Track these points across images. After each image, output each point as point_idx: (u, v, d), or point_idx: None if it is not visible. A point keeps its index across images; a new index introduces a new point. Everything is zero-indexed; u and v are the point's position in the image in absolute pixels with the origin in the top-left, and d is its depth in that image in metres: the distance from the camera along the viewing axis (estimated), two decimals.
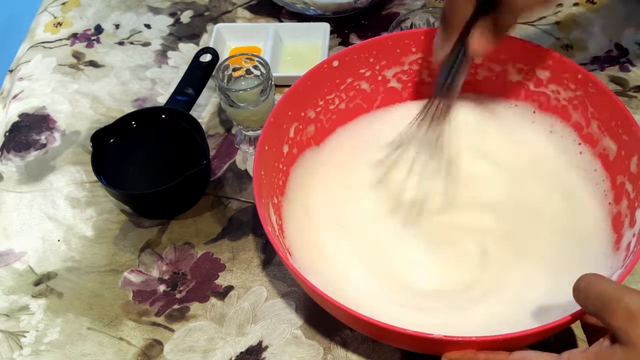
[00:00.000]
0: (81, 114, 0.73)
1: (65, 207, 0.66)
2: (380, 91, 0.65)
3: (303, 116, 0.61)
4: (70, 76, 0.77)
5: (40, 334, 0.57)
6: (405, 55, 0.63)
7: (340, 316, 0.49)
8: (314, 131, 0.62)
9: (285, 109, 0.58)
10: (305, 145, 0.62)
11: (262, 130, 0.56)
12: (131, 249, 0.62)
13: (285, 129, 0.59)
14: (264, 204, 0.53)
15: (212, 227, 0.63)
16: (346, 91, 0.63)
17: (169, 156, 0.65)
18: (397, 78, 0.64)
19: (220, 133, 0.71)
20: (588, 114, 0.58)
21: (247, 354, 0.55)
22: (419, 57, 0.63)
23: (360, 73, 0.63)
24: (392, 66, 0.63)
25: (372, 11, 0.81)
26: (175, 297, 0.59)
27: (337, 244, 0.56)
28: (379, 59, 0.63)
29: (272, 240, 0.49)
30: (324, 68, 0.60)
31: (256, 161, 0.54)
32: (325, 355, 0.55)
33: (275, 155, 0.58)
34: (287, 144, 0.60)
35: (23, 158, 0.70)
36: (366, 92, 0.64)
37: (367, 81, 0.64)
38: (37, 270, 0.61)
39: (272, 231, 0.52)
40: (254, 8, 0.83)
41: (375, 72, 0.63)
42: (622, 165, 0.54)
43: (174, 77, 0.75)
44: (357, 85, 0.63)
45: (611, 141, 0.56)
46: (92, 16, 0.84)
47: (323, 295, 0.46)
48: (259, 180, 0.54)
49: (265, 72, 0.65)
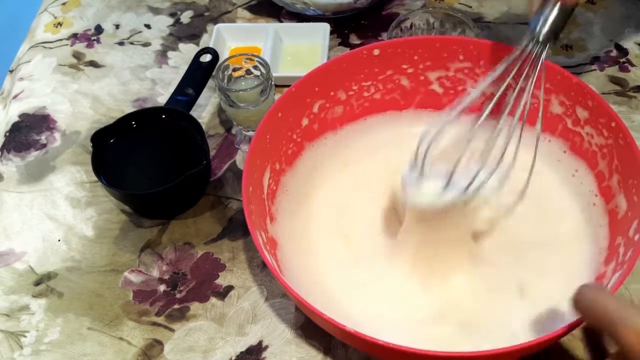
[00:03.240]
0: (81, 114, 0.73)
1: (66, 207, 0.66)
2: (420, 91, 0.64)
3: (332, 95, 0.61)
4: (71, 76, 0.77)
5: (41, 333, 0.57)
6: (451, 61, 0.62)
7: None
8: (341, 113, 0.63)
9: (311, 84, 0.59)
10: (330, 125, 0.63)
11: (279, 98, 0.57)
12: (131, 249, 0.62)
13: (308, 103, 0.60)
14: (259, 166, 0.55)
15: (212, 227, 0.63)
16: (384, 82, 0.63)
17: (169, 156, 0.65)
18: (440, 82, 0.63)
19: (220, 133, 0.71)
20: (613, 165, 0.55)
21: (247, 353, 0.55)
22: (466, 66, 0.62)
23: (402, 68, 0.62)
24: (436, 69, 0.62)
25: (372, 11, 0.81)
26: (176, 297, 0.59)
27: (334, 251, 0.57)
28: (424, 59, 0.62)
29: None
30: (362, 54, 0.60)
31: (263, 124, 0.55)
32: (325, 355, 0.55)
33: (290, 124, 0.59)
34: (307, 118, 0.61)
35: (23, 158, 0.70)
36: (405, 88, 0.64)
37: (408, 78, 0.63)
38: (37, 270, 0.61)
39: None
40: (254, 8, 0.83)
41: (419, 70, 0.63)
42: (625, 227, 0.52)
43: (174, 77, 0.75)
44: (397, 80, 0.63)
45: (624, 199, 0.53)
46: (92, 16, 0.84)
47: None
48: (261, 144, 0.54)
49: (265, 72, 0.65)
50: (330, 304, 0.52)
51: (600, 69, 0.74)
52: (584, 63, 0.75)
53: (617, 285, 0.46)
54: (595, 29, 0.78)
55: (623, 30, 0.78)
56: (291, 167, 0.61)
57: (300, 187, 0.61)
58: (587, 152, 0.58)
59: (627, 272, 0.46)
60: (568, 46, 0.76)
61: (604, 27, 0.78)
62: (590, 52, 0.76)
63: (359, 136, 0.64)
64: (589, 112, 0.57)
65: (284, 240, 0.57)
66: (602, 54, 0.75)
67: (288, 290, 0.47)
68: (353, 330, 0.45)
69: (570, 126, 0.59)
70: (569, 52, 0.76)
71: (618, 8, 0.80)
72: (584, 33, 0.78)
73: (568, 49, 0.76)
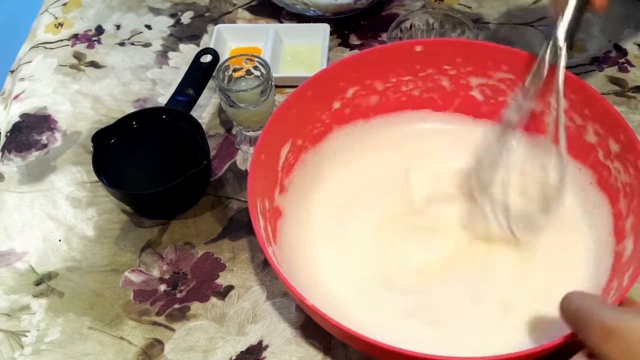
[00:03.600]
0: (82, 115, 0.73)
1: (66, 207, 0.66)
2: (460, 95, 0.63)
3: (369, 84, 0.61)
4: (71, 77, 0.77)
5: (41, 333, 0.58)
6: (495, 70, 0.60)
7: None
8: (376, 102, 0.63)
9: (347, 69, 0.59)
10: (362, 113, 0.63)
11: (311, 77, 0.57)
12: (132, 249, 0.62)
13: (341, 87, 0.60)
14: (279, 138, 0.56)
15: (212, 227, 0.64)
16: (424, 80, 0.62)
17: (170, 156, 0.65)
18: (481, 90, 0.62)
19: (220, 133, 0.71)
20: (632, 205, 0.52)
21: (247, 353, 0.55)
22: (509, 77, 0.60)
23: (444, 69, 0.61)
24: (479, 75, 0.61)
25: (371, 12, 0.81)
26: (176, 296, 0.59)
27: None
28: (467, 63, 0.61)
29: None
30: (404, 48, 0.60)
31: (290, 99, 0.55)
32: (325, 355, 0.55)
33: (320, 104, 0.59)
34: (339, 101, 0.61)
35: (24, 158, 0.70)
36: (445, 90, 0.63)
37: (449, 80, 0.62)
38: (38, 270, 0.62)
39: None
40: (254, 9, 0.83)
41: (461, 74, 0.61)
42: (623, 270, 0.50)
43: (174, 77, 0.76)
44: (438, 80, 0.62)
45: (632, 243, 0.51)
46: (93, 17, 0.84)
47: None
48: (284, 117, 0.55)
49: (266, 73, 0.65)
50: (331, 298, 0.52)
51: (600, 69, 0.74)
52: (584, 63, 0.75)
53: None
54: (595, 29, 0.78)
55: (622, 31, 0.78)
56: (314, 146, 0.61)
57: (321, 167, 0.62)
58: (612, 187, 0.55)
59: None
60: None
61: (603, 27, 0.78)
62: (589, 53, 0.76)
63: (390, 127, 0.64)
64: (620, 146, 0.54)
65: (288, 211, 0.58)
66: (601, 54, 0.75)
67: (278, 273, 0.47)
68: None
69: (601, 158, 0.56)
70: (568, 52, 0.76)
71: (617, 9, 0.80)
72: (583, 33, 0.78)
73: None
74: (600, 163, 0.56)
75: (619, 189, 0.54)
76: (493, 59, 0.59)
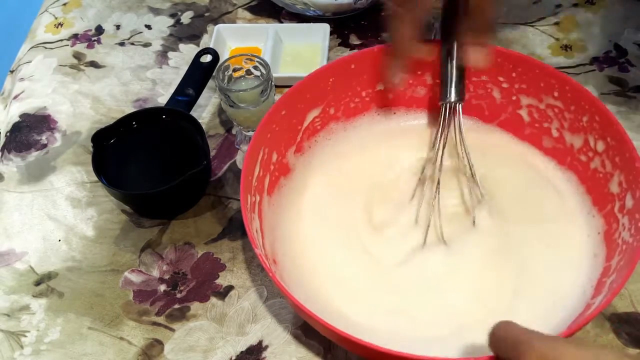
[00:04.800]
0: (82, 115, 0.73)
1: (66, 207, 0.66)
2: (507, 110, 0.62)
3: (419, 75, 0.62)
4: (71, 77, 0.77)
5: (41, 333, 0.58)
6: (546, 94, 0.59)
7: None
8: (423, 95, 0.64)
9: None
10: (406, 102, 0.63)
11: (359, 52, 0.59)
12: (132, 249, 0.62)
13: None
14: (308, 100, 0.58)
15: (212, 227, 0.64)
16: (476, 86, 0.61)
17: (170, 156, 0.65)
18: (529, 111, 0.61)
19: (220, 133, 0.71)
20: (620, 265, 0.51)
21: (247, 353, 0.55)
22: (557, 105, 0.58)
23: (497, 80, 0.60)
24: (530, 95, 0.60)
25: (372, 12, 0.81)
26: (176, 296, 0.59)
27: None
28: (521, 80, 0.59)
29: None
30: None
31: (328, 67, 0.58)
32: (325, 355, 0.55)
33: (362, 81, 0.61)
34: (384, 85, 0.62)
35: (24, 158, 0.70)
36: (495, 101, 0.62)
37: (500, 92, 0.61)
38: (37, 270, 0.62)
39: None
40: (254, 9, 0.83)
41: (513, 90, 0.60)
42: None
43: (174, 77, 0.76)
44: (490, 89, 0.61)
45: (603, 299, 0.48)
46: (92, 17, 0.84)
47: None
48: (318, 83, 0.58)
49: (266, 73, 0.65)
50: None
51: (600, 69, 0.74)
52: (584, 63, 0.75)
53: None
54: (595, 29, 0.78)
55: (622, 31, 0.78)
56: (348, 120, 0.62)
57: (348, 141, 0.62)
58: (614, 242, 0.53)
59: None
60: (567, 46, 0.77)
61: (603, 27, 0.78)
62: (589, 53, 0.76)
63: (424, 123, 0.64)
64: (634, 202, 0.52)
65: (297, 170, 0.60)
66: (601, 54, 0.75)
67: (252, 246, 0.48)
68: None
69: (616, 211, 0.54)
70: (568, 52, 0.76)
71: (618, 8, 0.80)
72: (583, 33, 0.78)
73: (568, 50, 0.76)
74: (613, 215, 0.54)
75: (618, 245, 0.52)
76: (546, 82, 0.58)
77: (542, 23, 0.79)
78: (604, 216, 0.55)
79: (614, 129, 0.53)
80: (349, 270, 0.56)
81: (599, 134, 0.55)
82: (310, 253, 0.57)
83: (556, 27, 0.79)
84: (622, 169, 0.53)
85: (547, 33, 0.78)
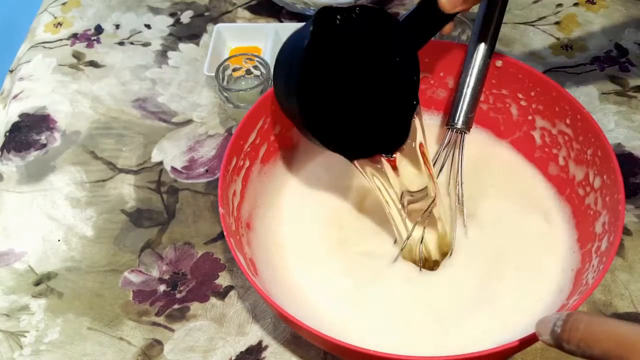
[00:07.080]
0: (81, 114, 0.73)
1: (66, 207, 0.66)
2: (522, 129, 0.60)
3: (441, 76, 0.61)
4: (71, 76, 0.77)
5: (41, 333, 0.57)
6: (559, 119, 0.57)
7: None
8: (439, 98, 0.63)
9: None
10: (424, 103, 0.63)
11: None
12: (131, 249, 0.62)
13: None
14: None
15: (212, 227, 0.63)
16: (495, 99, 0.60)
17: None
18: (542, 133, 0.59)
19: (220, 133, 0.71)
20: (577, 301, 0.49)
21: (247, 353, 0.55)
22: (567, 132, 0.57)
23: (517, 96, 0.59)
24: (545, 117, 0.58)
25: None
26: (176, 297, 0.59)
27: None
28: (538, 100, 0.58)
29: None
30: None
31: None
32: (325, 355, 0.55)
33: None
34: None
35: (23, 158, 0.70)
36: (512, 117, 0.61)
37: (518, 109, 0.60)
38: (37, 270, 0.62)
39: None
40: (254, 8, 0.83)
41: (530, 109, 0.59)
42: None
43: (174, 77, 0.76)
44: (508, 104, 0.60)
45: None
46: (92, 16, 0.84)
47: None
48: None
49: (265, 72, 0.65)
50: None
51: (601, 68, 0.74)
52: (584, 63, 0.75)
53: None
54: (595, 29, 0.78)
55: (623, 30, 0.78)
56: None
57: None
58: (579, 282, 0.52)
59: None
60: (568, 46, 0.76)
61: (604, 27, 0.78)
62: (590, 52, 0.76)
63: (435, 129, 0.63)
64: (607, 246, 0.50)
65: (301, 148, 0.60)
66: (602, 54, 0.75)
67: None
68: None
69: (593, 251, 0.53)
70: (569, 52, 0.76)
71: (618, 8, 0.80)
72: (584, 33, 0.78)
73: (568, 49, 0.76)
74: (590, 254, 0.53)
75: (582, 285, 0.51)
76: (561, 107, 0.57)
77: (542, 22, 0.79)
78: (583, 254, 0.54)
79: (611, 167, 0.52)
80: (320, 254, 0.56)
81: (599, 170, 0.54)
82: (285, 227, 0.57)
83: (557, 27, 0.79)
84: (609, 210, 0.52)
85: (548, 32, 0.78)
